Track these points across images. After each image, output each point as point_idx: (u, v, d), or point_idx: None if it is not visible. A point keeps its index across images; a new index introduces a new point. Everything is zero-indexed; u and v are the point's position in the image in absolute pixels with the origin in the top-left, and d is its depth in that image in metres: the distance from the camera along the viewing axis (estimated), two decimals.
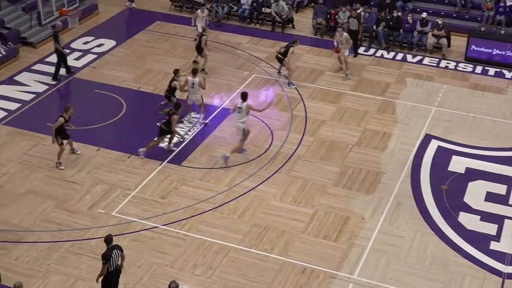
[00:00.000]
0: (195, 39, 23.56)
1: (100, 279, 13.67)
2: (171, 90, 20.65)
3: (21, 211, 16.67)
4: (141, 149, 18.71)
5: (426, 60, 24.54)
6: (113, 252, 13.51)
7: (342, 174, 18.36)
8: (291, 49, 22.26)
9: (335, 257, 15.57)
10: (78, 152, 18.75)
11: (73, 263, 15.18)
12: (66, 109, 18.12)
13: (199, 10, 24.98)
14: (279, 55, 22.45)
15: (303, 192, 17.62)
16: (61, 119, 17.92)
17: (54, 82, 22.58)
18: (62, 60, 22.76)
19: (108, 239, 13.61)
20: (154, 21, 27.24)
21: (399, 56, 24.85)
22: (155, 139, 18.81)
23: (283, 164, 18.68)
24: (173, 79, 20.59)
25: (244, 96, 18.54)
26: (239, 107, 18.49)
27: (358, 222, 16.62)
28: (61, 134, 18.14)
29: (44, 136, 19.27)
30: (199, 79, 20.22)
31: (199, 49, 23.07)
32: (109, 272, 13.53)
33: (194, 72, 20.32)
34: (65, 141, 18.32)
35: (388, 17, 25.58)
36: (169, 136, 18.93)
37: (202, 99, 20.56)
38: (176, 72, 20.73)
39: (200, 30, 23.71)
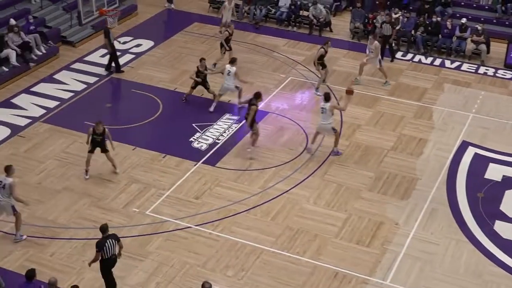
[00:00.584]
0: (220, 32, 23.81)
1: (93, 265, 14.02)
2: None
3: (57, 208, 16.90)
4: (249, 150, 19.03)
5: (465, 66, 24.28)
6: (108, 241, 13.73)
7: (376, 179, 18.25)
8: (320, 50, 22.02)
9: (367, 262, 15.48)
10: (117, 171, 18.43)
11: None
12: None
13: (226, 1, 25.17)
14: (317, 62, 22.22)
15: (337, 196, 17.56)
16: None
17: (106, 73, 23.22)
18: (115, 53, 23.17)
19: (103, 228, 13.85)
20: (192, 22, 27.41)
21: (437, 61, 24.62)
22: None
23: (318, 167, 18.64)
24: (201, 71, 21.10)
25: (327, 97, 18.56)
26: (322, 108, 18.50)
27: (391, 228, 16.51)
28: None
29: (81, 134, 19.50)
30: (236, 70, 20.57)
31: (226, 42, 23.24)
32: (103, 260, 13.80)
33: (232, 61, 20.86)
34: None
35: (427, 22, 25.38)
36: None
37: (238, 89, 20.83)
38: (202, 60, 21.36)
39: (224, 21, 24.08)
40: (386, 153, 19.30)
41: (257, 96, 18.92)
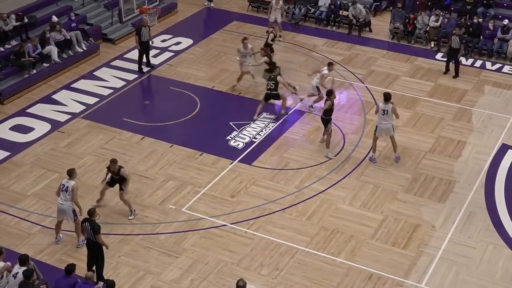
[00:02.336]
0: (267, 31, 23.92)
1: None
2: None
3: (95, 203, 17.08)
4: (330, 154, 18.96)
5: (506, 68, 23.90)
6: (84, 223, 14.34)
7: (413, 181, 18.09)
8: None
9: (403, 264, 15.36)
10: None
11: (142, 257, 15.49)
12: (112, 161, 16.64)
13: (273, 1, 25.22)
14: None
15: (373, 197, 17.45)
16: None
17: (146, 70, 23.51)
18: (143, 52, 23.36)
19: (89, 212, 14.46)
20: (231, 21, 27.50)
21: (478, 63, 24.29)
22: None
23: (354, 168, 18.55)
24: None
25: (387, 97, 18.30)
26: (383, 110, 18.25)
27: (428, 231, 16.35)
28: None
29: (120, 131, 19.73)
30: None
31: (268, 45, 23.22)
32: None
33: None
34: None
35: (468, 23, 25.05)
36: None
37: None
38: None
39: (272, 20, 24.16)
40: (424, 155, 19.11)
41: (330, 93, 18.80)
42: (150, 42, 23.51)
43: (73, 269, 13.37)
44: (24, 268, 13.29)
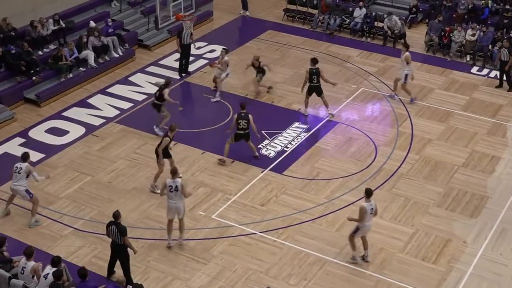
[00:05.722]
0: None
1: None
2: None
3: (126, 207, 17.24)
4: None
5: None
6: (110, 226, 14.42)
7: (446, 195, 17.93)
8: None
9: (432, 279, 15.21)
10: (181, 176, 18.24)
11: (171, 262, 15.57)
12: (172, 129, 17.63)
13: None
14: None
15: (404, 210, 17.33)
16: (167, 139, 17.59)
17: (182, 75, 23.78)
18: (183, 57, 23.69)
19: (114, 215, 14.51)
20: (266, 30, 27.57)
21: None
22: None
23: (385, 180, 18.45)
24: None
25: None
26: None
27: (459, 246, 16.18)
28: (163, 153, 17.73)
29: (152, 136, 19.86)
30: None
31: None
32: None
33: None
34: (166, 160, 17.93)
35: (505, 38, 24.77)
36: None
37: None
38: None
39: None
40: (457, 169, 18.94)
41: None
42: (192, 46, 23.74)
43: (87, 272, 13.42)
44: (55, 269, 13.44)
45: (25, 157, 16.42)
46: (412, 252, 15.98)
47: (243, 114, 18.81)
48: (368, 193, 15.13)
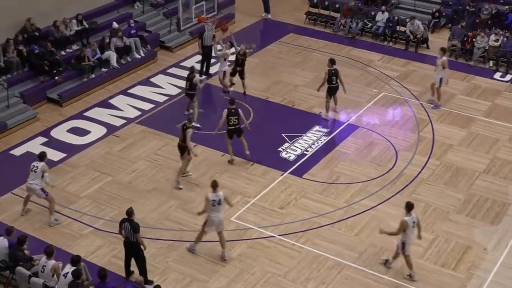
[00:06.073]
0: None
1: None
2: None
3: (146, 208, 17.33)
4: None
5: None
6: (123, 223, 14.48)
7: (466, 201, 17.81)
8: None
9: (452, 286, 15.11)
10: (191, 174, 18.65)
11: (190, 263, 15.61)
12: (190, 120, 18.18)
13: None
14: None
15: (424, 216, 17.23)
16: (190, 130, 17.89)
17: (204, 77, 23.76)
18: (204, 58, 23.85)
19: (127, 212, 14.63)
20: (287, 33, 27.58)
21: None
22: None
23: (406, 185, 18.36)
24: None
25: None
26: None
27: (479, 253, 16.05)
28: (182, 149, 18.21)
29: (173, 137, 19.92)
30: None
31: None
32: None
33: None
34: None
35: None
36: None
37: None
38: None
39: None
40: (478, 176, 18.81)
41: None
42: (213, 49, 23.88)
43: (106, 273, 13.47)
44: (75, 268, 13.53)
45: (42, 156, 16.51)
46: (432, 258, 15.89)
47: (233, 110, 18.79)
48: (409, 207, 14.87)
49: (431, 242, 16.35)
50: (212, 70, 24.32)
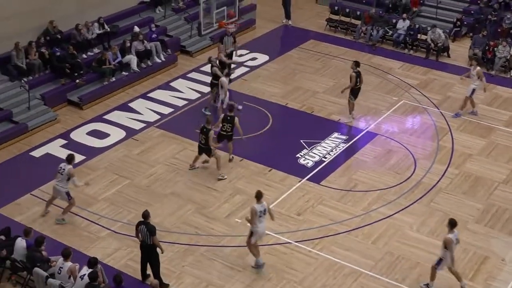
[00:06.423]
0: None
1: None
2: None
3: (163, 211, 17.39)
4: None
5: None
6: (140, 226, 14.54)
7: (485, 211, 17.67)
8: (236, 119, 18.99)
9: None
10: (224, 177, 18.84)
11: (206, 268, 15.62)
12: (208, 121, 18.45)
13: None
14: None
15: (442, 225, 17.09)
16: (212, 132, 18.28)
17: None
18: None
19: (144, 215, 14.67)
20: (308, 39, 27.58)
21: None
22: None
23: (424, 194, 18.26)
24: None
25: None
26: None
27: (497, 264, 15.92)
28: (199, 148, 18.74)
29: (192, 142, 19.97)
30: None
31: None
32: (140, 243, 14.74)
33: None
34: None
35: None
36: None
37: None
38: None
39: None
40: (497, 186, 18.66)
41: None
42: (234, 54, 23.92)
43: (122, 279, 13.52)
44: (91, 270, 13.61)
45: (69, 159, 16.63)
46: None
47: (228, 118, 18.81)
48: (452, 224, 14.58)
49: None
50: (233, 75, 24.32)
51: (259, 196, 15.11)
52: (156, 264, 14.81)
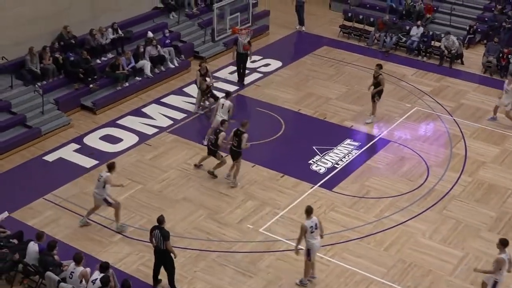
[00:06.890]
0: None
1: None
2: None
3: (175, 216, 17.41)
4: None
5: None
6: (154, 231, 14.60)
7: (498, 219, 17.57)
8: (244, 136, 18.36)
9: None
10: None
11: (217, 274, 15.62)
12: (222, 123, 18.74)
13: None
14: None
15: (455, 233, 17.04)
16: (223, 134, 18.41)
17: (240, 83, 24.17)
18: (237, 64, 24.19)
19: (159, 220, 14.77)
20: (321, 46, 27.57)
21: None
22: None
23: (436, 201, 18.18)
24: None
25: None
26: None
27: (510, 273, 15.77)
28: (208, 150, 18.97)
29: (204, 148, 19.97)
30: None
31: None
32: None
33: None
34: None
35: None
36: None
37: None
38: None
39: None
40: (510, 194, 18.55)
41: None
42: (249, 58, 24.02)
43: (130, 284, 13.53)
44: (103, 275, 13.64)
45: (110, 167, 16.61)
46: (461, 275, 15.69)
47: (238, 132, 18.28)
48: (504, 244, 14.16)
49: (461, 260, 16.15)
50: (246, 80, 24.39)
51: (309, 211, 14.83)
52: (172, 271, 14.81)
